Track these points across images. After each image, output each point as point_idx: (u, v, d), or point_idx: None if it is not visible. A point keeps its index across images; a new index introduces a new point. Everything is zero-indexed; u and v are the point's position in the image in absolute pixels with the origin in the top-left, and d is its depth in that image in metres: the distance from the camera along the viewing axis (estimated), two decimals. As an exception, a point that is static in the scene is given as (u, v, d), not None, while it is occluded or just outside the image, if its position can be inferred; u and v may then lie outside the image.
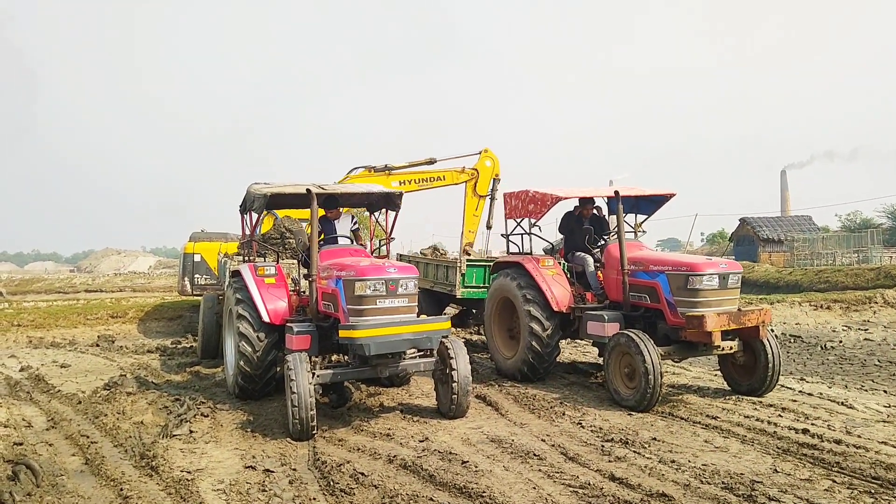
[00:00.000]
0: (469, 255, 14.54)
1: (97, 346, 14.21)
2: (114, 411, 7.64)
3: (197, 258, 16.69)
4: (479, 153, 14.44)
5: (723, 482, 5.10)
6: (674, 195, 9.33)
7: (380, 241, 9.56)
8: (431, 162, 14.32)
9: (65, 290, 28.00)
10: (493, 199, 14.54)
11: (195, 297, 16.66)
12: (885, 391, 8.67)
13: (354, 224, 9.03)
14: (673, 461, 5.61)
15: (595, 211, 9.73)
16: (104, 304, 18.91)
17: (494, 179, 14.45)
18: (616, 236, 8.91)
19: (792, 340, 13.58)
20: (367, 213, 9.89)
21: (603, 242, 9.37)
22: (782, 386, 8.43)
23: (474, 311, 13.06)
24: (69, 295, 25.58)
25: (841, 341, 13.27)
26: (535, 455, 5.86)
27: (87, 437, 6.66)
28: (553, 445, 6.16)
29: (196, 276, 16.59)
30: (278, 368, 8.07)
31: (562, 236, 10.05)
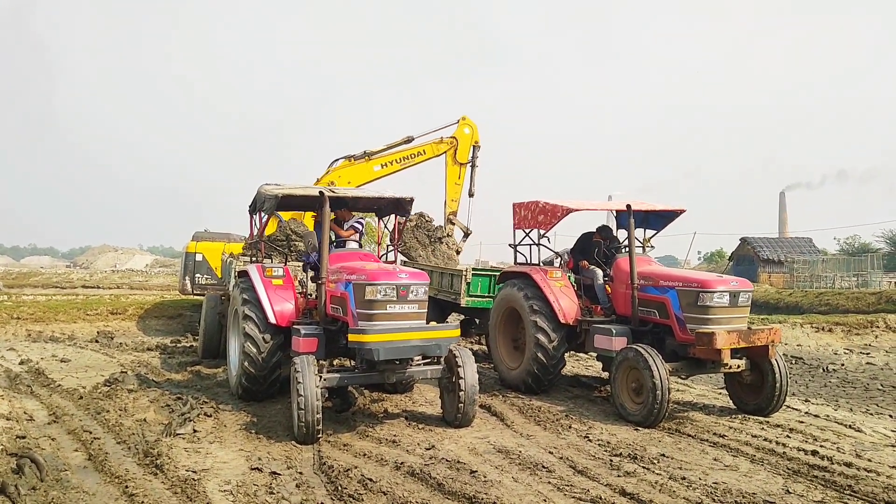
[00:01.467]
0: (454, 224, 14.42)
1: (96, 342, 14.11)
2: (115, 408, 7.57)
3: (199, 258, 16.64)
4: (457, 122, 14.40)
5: (735, 501, 5.06)
6: (684, 211, 9.31)
7: (387, 246, 9.52)
8: (409, 140, 14.33)
9: (62, 286, 27.99)
10: (473, 166, 14.53)
11: (196, 297, 16.59)
12: (890, 415, 8.64)
13: (359, 225, 8.99)
14: (683, 478, 5.56)
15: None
16: (103, 301, 18.81)
17: (474, 146, 14.43)
18: (626, 250, 8.90)
19: (794, 362, 13.55)
20: (377, 218, 9.85)
21: (612, 256, 9.31)
22: (788, 407, 8.39)
23: (477, 320, 12.95)
24: (66, 290, 25.53)
25: (843, 364, 13.24)
26: (543, 467, 5.80)
27: (90, 432, 6.59)
28: (561, 458, 6.11)
29: (197, 275, 16.53)
30: (282, 370, 8.00)
31: (568, 247, 10.03)
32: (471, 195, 14.58)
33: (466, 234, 15.19)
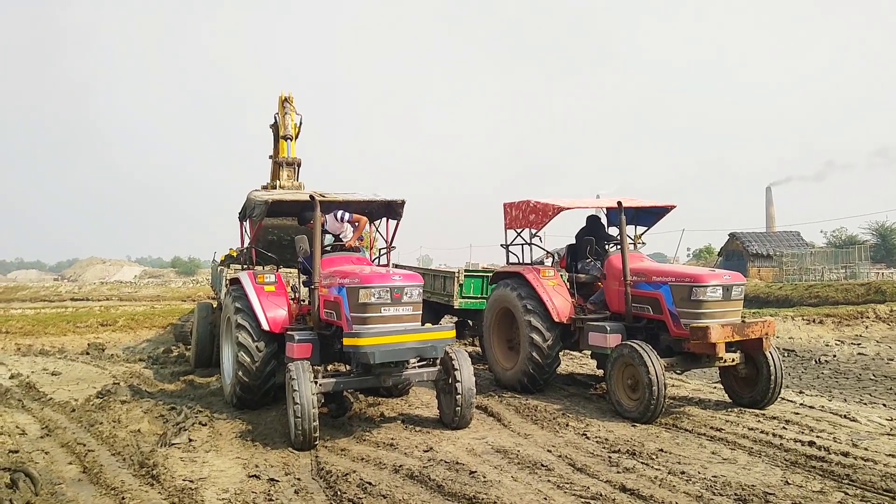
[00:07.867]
0: (281, 165, 15.76)
1: (87, 354, 14.00)
2: (109, 419, 7.51)
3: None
4: None
5: (735, 494, 5.06)
6: (674, 207, 9.34)
7: (380, 249, 9.49)
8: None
9: (50, 299, 27.72)
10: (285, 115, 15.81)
11: (186, 307, 16.63)
12: (884, 405, 8.70)
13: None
14: (683, 472, 5.56)
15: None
16: (93, 313, 18.69)
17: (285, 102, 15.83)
18: (617, 247, 8.92)
19: (786, 354, 13.63)
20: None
21: (605, 253, 9.31)
22: (783, 399, 8.42)
23: (471, 322, 12.95)
24: (55, 303, 25.30)
25: (835, 355, 13.33)
26: (542, 466, 5.79)
27: (84, 445, 6.52)
28: (560, 456, 6.10)
29: None
30: (277, 378, 7.95)
31: (565, 245, 10.05)
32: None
33: (293, 164, 15.93)
